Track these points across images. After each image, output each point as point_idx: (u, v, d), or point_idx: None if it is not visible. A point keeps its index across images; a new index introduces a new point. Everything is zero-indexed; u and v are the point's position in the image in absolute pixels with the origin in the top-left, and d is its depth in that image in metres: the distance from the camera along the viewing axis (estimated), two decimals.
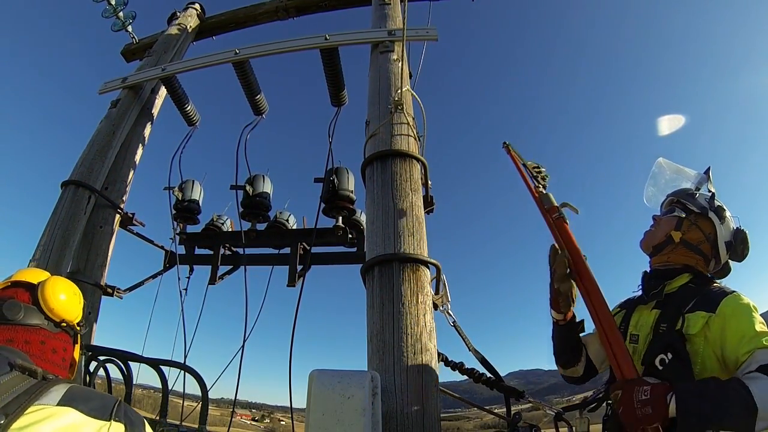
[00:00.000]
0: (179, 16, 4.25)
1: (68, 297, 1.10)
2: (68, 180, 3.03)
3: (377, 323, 1.81)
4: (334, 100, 3.36)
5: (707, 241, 1.62)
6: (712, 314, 1.37)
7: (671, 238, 1.64)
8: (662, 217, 1.73)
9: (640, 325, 1.57)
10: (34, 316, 1.03)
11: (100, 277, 3.06)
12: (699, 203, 1.66)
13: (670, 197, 1.77)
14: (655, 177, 1.88)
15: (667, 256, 1.65)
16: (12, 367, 0.82)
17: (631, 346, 1.53)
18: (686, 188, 1.76)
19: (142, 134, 3.62)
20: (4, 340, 0.97)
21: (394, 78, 2.59)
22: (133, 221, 3.41)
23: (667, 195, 1.79)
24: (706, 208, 1.64)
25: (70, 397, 0.82)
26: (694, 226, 1.63)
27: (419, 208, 2.14)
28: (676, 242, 1.63)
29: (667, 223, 1.68)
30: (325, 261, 3.56)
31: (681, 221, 1.65)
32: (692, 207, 1.65)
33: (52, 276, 1.13)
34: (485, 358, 2.00)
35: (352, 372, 1.41)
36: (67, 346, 1.11)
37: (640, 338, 1.53)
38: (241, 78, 3.38)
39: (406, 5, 2.37)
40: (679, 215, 1.66)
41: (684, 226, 1.64)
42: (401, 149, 2.28)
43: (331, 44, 3.01)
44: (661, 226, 1.70)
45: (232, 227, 3.87)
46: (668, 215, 1.70)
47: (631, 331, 1.59)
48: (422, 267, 1.95)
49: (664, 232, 1.66)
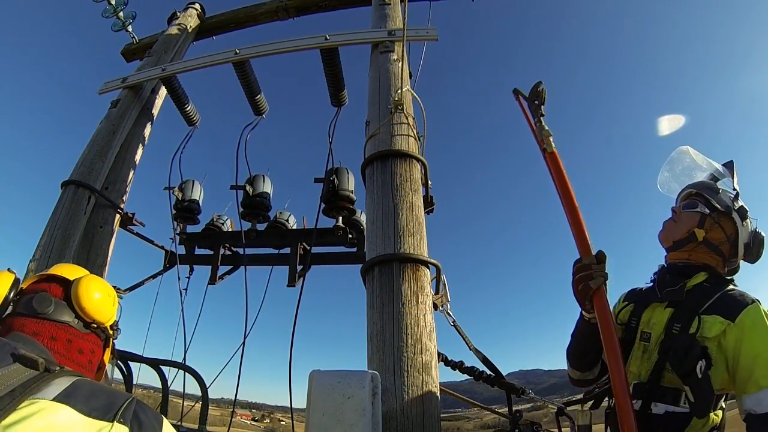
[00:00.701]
0: (179, 16, 4.25)
1: (102, 297, 1.06)
2: (68, 180, 3.03)
3: (377, 323, 1.81)
4: (334, 100, 3.36)
5: (728, 242, 1.56)
6: (731, 323, 1.33)
7: (694, 235, 1.56)
8: (684, 210, 1.63)
9: (652, 323, 1.51)
10: (64, 313, 0.99)
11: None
12: (724, 201, 1.58)
13: (690, 189, 1.67)
14: (672, 163, 1.79)
15: (688, 254, 1.59)
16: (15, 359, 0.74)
17: (642, 345, 1.49)
18: (709, 183, 1.67)
19: (142, 134, 3.62)
20: (29, 333, 0.93)
21: (394, 78, 2.59)
22: (133, 221, 3.40)
23: (687, 186, 1.70)
24: (731, 207, 1.57)
25: (69, 392, 0.71)
26: (717, 226, 1.56)
27: (419, 208, 2.14)
28: (698, 240, 1.56)
29: (689, 218, 1.59)
30: (325, 261, 3.56)
31: (704, 218, 1.57)
32: (716, 204, 1.57)
33: (89, 274, 1.09)
34: (486, 357, 2.00)
35: (352, 372, 1.41)
36: (96, 348, 1.06)
37: (652, 337, 1.48)
38: (241, 78, 3.39)
39: (407, 5, 2.37)
40: (703, 212, 1.58)
41: (707, 224, 1.56)
42: (401, 149, 2.28)
43: (332, 44, 3.01)
44: (683, 220, 1.61)
45: (232, 227, 3.87)
46: (690, 210, 1.61)
47: (643, 328, 1.53)
48: (422, 267, 1.95)
49: (687, 228, 1.59)
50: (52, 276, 1.05)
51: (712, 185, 1.65)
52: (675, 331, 1.40)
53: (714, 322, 1.35)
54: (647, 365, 1.45)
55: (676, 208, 1.66)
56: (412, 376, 1.67)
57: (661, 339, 1.44)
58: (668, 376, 1.38)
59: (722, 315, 1.35)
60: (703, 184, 1.67)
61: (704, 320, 1.36)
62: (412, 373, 1.67)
